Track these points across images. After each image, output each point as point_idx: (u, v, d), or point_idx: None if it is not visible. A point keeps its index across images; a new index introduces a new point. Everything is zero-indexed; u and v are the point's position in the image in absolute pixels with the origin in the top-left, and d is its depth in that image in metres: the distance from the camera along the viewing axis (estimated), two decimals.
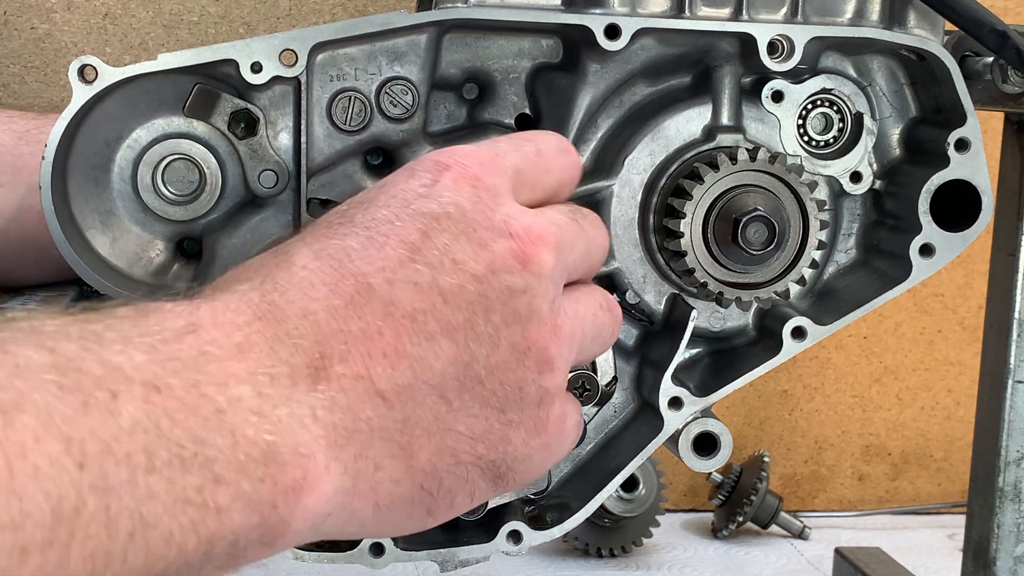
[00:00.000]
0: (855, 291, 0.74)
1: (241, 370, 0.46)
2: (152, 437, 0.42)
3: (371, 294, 0.51)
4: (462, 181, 0.55)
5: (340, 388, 0.49)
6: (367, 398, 0.50)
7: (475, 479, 0.55)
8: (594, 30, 0.67)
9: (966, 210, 0.71)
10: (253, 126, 0.67)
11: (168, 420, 0.42)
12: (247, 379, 0.46)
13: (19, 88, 1.08)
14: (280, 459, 0.46)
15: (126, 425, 0.41)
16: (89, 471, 0.39)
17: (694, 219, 0.69)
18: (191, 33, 1.09)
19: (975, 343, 1.18)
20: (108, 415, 0.41)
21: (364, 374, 0.50)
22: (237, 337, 0.47)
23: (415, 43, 0.68)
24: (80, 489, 0.39)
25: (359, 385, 0.50)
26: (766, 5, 0.69)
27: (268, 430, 0.45)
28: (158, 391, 0.43)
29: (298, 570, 0.97)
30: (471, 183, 0.55)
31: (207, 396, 0.44)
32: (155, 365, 0.44)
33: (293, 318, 0.49)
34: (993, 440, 0.79)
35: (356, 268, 0.51)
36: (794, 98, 0.72)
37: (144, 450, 0.41)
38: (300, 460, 0.46)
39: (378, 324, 0.51)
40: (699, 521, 1.17)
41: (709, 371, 0.74)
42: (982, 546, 0.81)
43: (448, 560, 0.70)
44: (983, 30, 0.69)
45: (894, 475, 1.25)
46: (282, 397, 0.47)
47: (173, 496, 0.42)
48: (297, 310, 0.50)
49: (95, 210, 0.67)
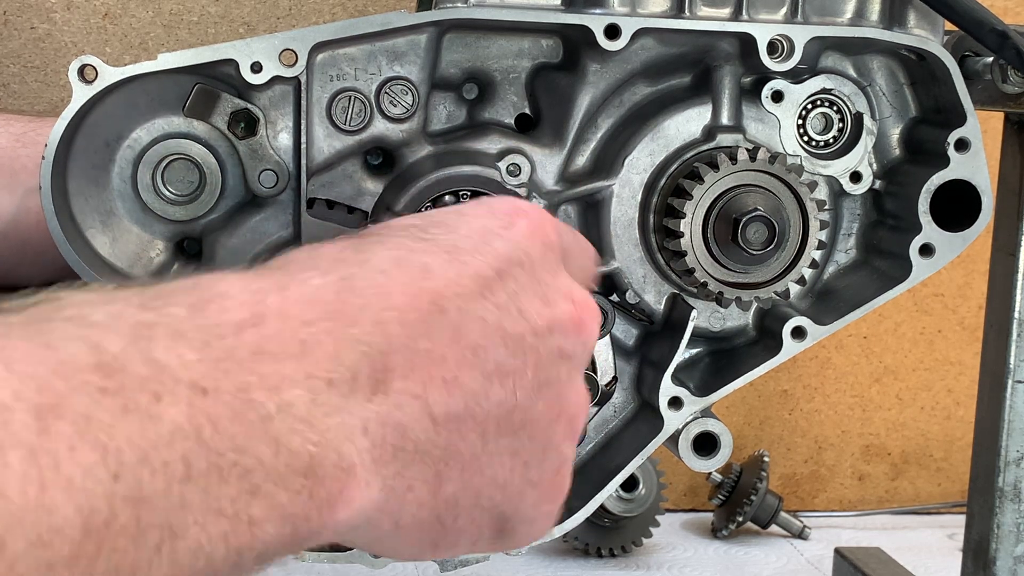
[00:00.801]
0: (855, 291, 0.74)
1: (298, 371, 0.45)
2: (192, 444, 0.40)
3: (443, 317, 0.51)
4: (536, 235, 0.56)
5: (397, 404, 0.49)
6: (420, 418, 0.50)
7: (483, 526, 0.55)
8: (594, 30, 0.67)
9: (966, 210, 0.71)
10: (253, 126, 0.67)
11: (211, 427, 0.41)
12: (303, 382, 0.45)
13: (19, 88, 1.08)
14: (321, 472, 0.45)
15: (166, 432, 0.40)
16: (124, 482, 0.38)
17: (694, 219, 0.69)
18: (191, 33, 1.09)
19: (975, 343, 1.18)
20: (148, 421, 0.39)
21: (421, 394, 0.49)
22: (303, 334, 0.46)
23: (415, 43, 0.68)
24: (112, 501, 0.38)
25: (415, 404, 0.49)
26: (766, 5, 0.69)
27: (314, 441, 0.44)
28: (204, 394, 0.41)
29: (298, 570, 0.97)
30: (542, 239, 0.56)
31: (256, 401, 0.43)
32: (206, 364, 0.42)
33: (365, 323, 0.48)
34: (993, 440, 0.79)
35: (434, 287, 0.51)
36: (794, 98, 0.72)
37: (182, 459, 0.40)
38: (340, 474, 0.46)
39: (444, 349, 0.50)
40: (699, 521, 1.17)
41: (709, 371, 0.74)
42: (982, 546, 0.81)
43: (448, 560, 0.70)
44: (983, 30, 0.69)
45: (894, 475, 1.25)
46: (335, 405, 0.46)
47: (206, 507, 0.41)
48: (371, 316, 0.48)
49: (95, 210, 0.67)
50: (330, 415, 0.45)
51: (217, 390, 0.42)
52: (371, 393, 0.48)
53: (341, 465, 0.46)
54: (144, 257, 0.69)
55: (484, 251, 0.54)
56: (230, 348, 0.43)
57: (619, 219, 0.71)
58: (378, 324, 0.49)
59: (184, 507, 0.40)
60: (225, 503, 0.41)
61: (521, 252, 0.55)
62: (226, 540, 0.42)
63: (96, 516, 0.37)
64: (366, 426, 0.47)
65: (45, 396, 0.37)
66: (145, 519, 0.39)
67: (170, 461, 0.40)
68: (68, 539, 0.37)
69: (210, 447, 0.41)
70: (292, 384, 0.44)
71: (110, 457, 0.38)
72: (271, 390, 0.44)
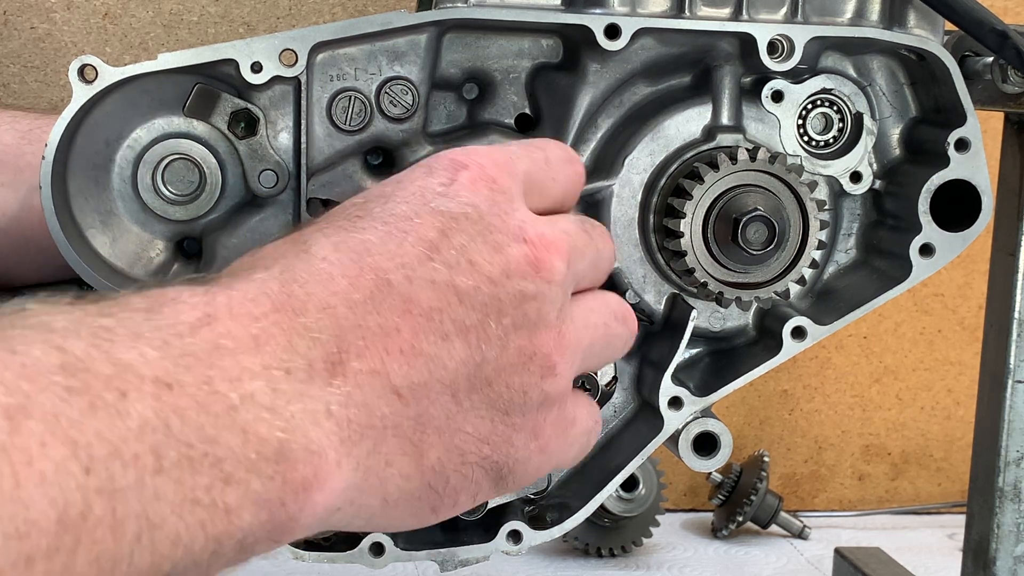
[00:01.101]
0: (855, 291, 0.74)
1: (256, 364, 0.46)
2: (161, 437, 0.41)
3: (390, 290, 0.51)
4: (479, 182, 0.55)
5: (356, 384, 0.49)
6: (383, 394, 0.50)
7: (479, 479, 0.55)
8: (594, 30, 0.67)
9: (966, 210, 0.71)
10: (253, 126, 0.67)
11: (178, 419, 0.42)
12: (261, 373, 0.46)
13: (19, 88, 1.08)
14: (291, 456, 0.45)
15: (134, 426, 0.41)
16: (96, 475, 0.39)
17: (694, 219, 0.69)
18: (191, 33, 1.09)
19: (975, 343, 1.18)
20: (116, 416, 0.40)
21: (381, 370, 0.50)
22: (254, 329, 0.47)
23: (415, 43, 0.68)
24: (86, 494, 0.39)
25: (375, 381, 0.50)
26: (766, 5, 0.69)
27: (280, 427, 0.45)
28: (169, 388, 0.42)
29: (298, 570, 0.97)
30: (488, 185, 0.55)
31: (219, 393, 0.44)
32: (167, 361, 0.43)
33: (312, 311, 0.49)
34: (993, 440, 0.79)
35: (375, 262, 0.51)
36: (794, 98, 0.72)
37: (152, 451, 0.41)
38: (311, 457, 0.46)
39: (396, 320, 0.51)
40: (699, 521, 1.17)
41: (709, 371, 0.74)
42: (982, 546, 0.81)
43: (448, 560, 0.70)
44: (983, 30, 0.69)
45: (894, 475, 1.25)
46: (296, 392, 0.47)
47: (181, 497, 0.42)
48: (317, 303, 0.49)
49: (95, 210, 0.67)
50: (292, 402, 0.46)
51: (181, 384, 0.43)
52: (330, 377, 0.48)
53: (310, 448, 0.46)
54: (144, 257, 0.69)
55: (423, 213, 0.53)
56: (188, 346, 0.44)
57: (619, 219, 0.71)
58: (325, 310, 0.49)
59: (159, 498, 0.41)
60: (200, 492, 0.42)
61: (465, 204, 0.54)
62: (204, 528, 0.43)
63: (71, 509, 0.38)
64: (329, 409, 0.48)
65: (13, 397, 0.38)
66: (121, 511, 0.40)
67: (140, 454, 0.41)
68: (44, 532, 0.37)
69: (179, 439, 0.42)
70: (252, 376, 0.45)
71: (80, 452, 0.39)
72: (233, 381, 0.45)
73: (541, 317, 0.55)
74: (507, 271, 0.54)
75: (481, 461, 0.55)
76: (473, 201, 0.54)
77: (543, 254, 0.55)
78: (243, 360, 0.45)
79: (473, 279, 0.53)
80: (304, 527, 0.47)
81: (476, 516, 0.70)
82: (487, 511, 0.70)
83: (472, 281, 0.53)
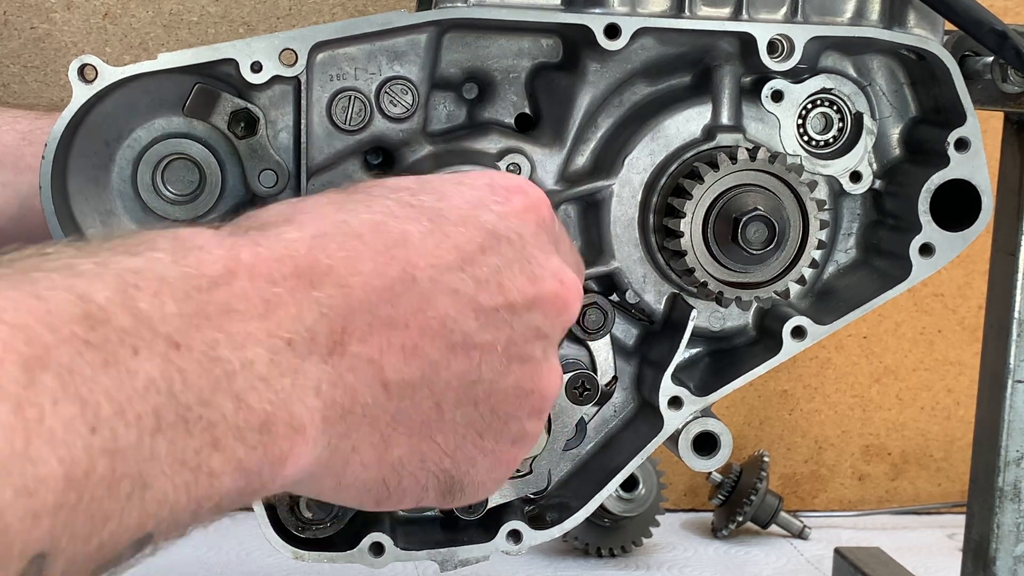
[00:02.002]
0: (855, 291, 0.74)
1: (261, 330, 0.46)
2: (163, 398, 0.42)
3: (412, 285, 0.51)
4: (531, 212, 0.56)
5: (350, 367, 0.50)
6: (371, 383, 0.50)
7: (430, 488, 0.56)
8: (594, 30, 0.67)
9: (966, 210, 0.71)
10: (253, 126, 0.67)
11: (181, 381, 0.43)
12: (264, 340, 0.46)
13: (19, 88, 1.08)
14: (274, 430, 0.46)
15: (140, 386, 0.41)
16: (100, 435, 0.40)
17: (694, 218, 0.69)
18: (191, 33, 1.09)
19: (975, 343, 1.18)
20: (126, 375, 0.41)
21: (377, 360, 0.50)
22: (268, 293, 0.47)
23: (415, 43, 0.68)
24: (91, 453, 0.39)
25: (369, 369, 0.50)
26: (766, 5, 0.69)
27: (269, 400, 0.46)
28: (177, 348, 0.43)
29: (298, 570, 0.97)
30: (537, 219, 0.57)
31: (222, 358, 0.44)
32: (181, 319, 0.44)
33: (329, 285, 0.49)
34: (993, 440, 0.79)
35: (407, 256, 0.52)
36: (794, 98, 0.72)
37: (154, 411, 0.42)
38: (291, 433, 0.47)
39: (407, 317, 0.51)
40: (699, 521, 1.17)
41: (709, 371, 0.74)
42: (982, 546, 0.81)
43: (448, 560, 0.70)
44: (983, 30, 0.69)
45: (894, 475, 1.25)
46: (291, 366, 0.47)
47: (172, 458, 0.42)
48: (336, 278, 0.49)
49: (95, 210, 0.67)
50: (285, 375, 0.47)
51: (189, 346, 0.43)
52: (327, 354, 0.49)
53: (292, 424, 0.47)
54: None
55: (470, 223, 0.54)
56: (203, 304, 0.45)
57: (619, 219, 0.71)
58: (341, 287, 0.49)
59: (153, 458, 0.42)
60: (189, 455, 0.43)
61: (511, 229, 0.55)
62: (188, 490, 0.43)
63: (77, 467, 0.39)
64: (319, 387, 0.48)
65: (33, 348, 0.39)
66: (119, 470, 0.40)
67: (143, 414, 0.41)
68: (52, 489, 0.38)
69: (179, 400, 0.43)
70: (255, 343, 0.46)
71: (89, 411, 0.39)
72: (236, 347, 0.45)
73: (546, 357, 0.57)
74: (532, 303, 0.55)
75: (439, 472, 0.55)
76: (520, 229, 0.55)
77: (572, 299, 0.56)
78: (250, 325, 0.46)
79: (496, 301, 0.54)
80: (268, 493, 0.49)
81: (476, 516, 0.70)
82: (487, 511, 0.70)
83: (495, 302, 0.54)
